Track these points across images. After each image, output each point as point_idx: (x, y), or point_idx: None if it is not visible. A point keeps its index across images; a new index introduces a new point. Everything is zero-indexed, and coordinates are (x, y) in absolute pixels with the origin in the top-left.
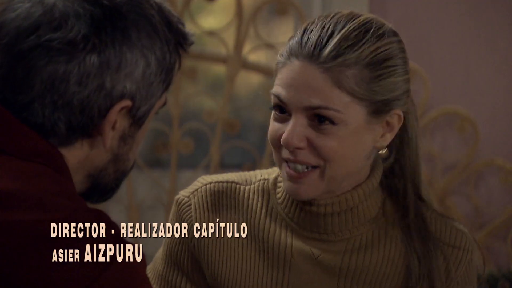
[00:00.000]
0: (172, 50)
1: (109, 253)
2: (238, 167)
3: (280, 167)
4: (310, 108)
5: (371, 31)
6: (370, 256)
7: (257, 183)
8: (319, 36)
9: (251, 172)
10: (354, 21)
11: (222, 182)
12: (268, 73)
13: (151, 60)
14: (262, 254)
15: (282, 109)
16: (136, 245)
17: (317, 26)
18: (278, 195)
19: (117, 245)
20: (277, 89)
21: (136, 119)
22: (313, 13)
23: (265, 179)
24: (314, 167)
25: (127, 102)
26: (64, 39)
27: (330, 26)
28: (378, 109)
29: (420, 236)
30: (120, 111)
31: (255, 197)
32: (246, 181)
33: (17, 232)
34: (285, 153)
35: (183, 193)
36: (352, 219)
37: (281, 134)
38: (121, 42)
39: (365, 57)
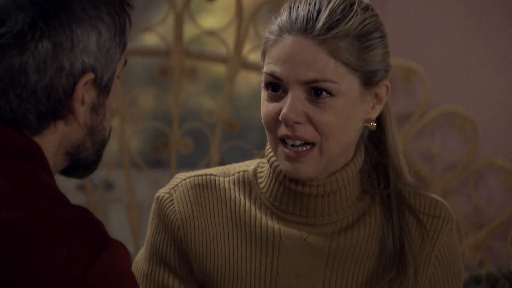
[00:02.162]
0: (119, 11)
1: (93, 250)
2: None
3: (275, 150)
4: (307, 81)
5: (355, 4)
6: (357, 234)
7: (236, 175)
8: (308, 10)
9: (228, 166)
10: None
11: (201, 175)
12: None
13: (102, 28)
14: (249, 240)
15: (275, 87)
16: (121, 242)
17: (303, 3)
18: (262, 185)
19: (101, 241)
20: (270, 67)
21: (102, 88)
22: None
23: (244, 171)
24: (312, 144)
25: (89, 75)
26: (11, 33)
27: (316, 2)
28: (369, 79)
29: (397, 208)
30: (85, 85)
31: (236, 187)
32: (224, 173)
33: (1, 230)
34: (282, 131)
35: (162, 191)
36: (340, 200)
37: (277, 113)
38: (68, 20)
39: (354, 29)
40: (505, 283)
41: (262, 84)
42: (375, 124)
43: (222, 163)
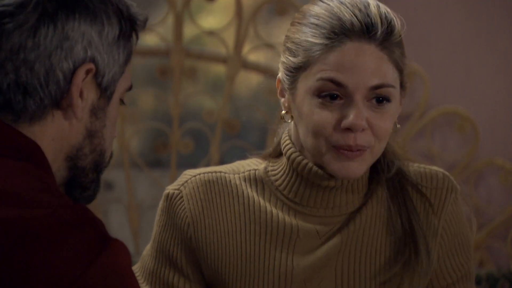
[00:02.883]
0: (126, 18)
1: (94, 250)
2: None
3: (321, 155)
4: (372, 88)
5: (387, 8)
6: (365, 217)
7: (246, 173)
8: (359, 14)
9: (235, 163)
10: (371, 0)
11: (210, 172)
12: (268, 72)
13: (105, 22)
14: (263, 236)
15: (334, 95)
16: (121, 241)
17: (343, 7)
18: (277, 182)
19: (102, 241)
20: (330, 73)
21: (103, 89)
22: None
23: (254, 169)
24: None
25: (90, 65)
26: (14, 3)
27: (358, 5)
28: (404, 82)
29: (400, 189)
30: (86, 78)
31: (247, 184)
32: (233, 170)
33: (0, 229)
34: (342, 140)
35: (171, 187)
36: (353, 190)
37: (337, 120)
38: (73, 4)
39: (399, 31)
40: (505, 283)
41: (312, 91)
42: (398, 126)
43: (222, 163)
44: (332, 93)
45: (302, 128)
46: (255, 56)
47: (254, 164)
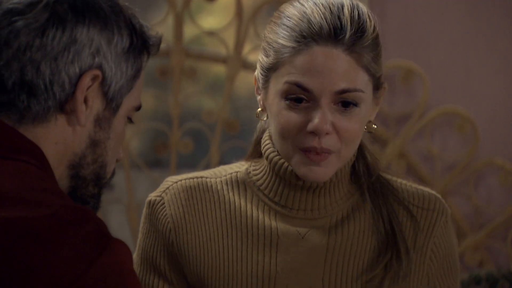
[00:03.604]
0: (138, 35)
1: (95, 249)
2: None
3: (290, 157)
4: (338, 92)
5: (360, 7)
6: (353, 229)
7: (228, 176)
8: (329, 17)
9: (217, 168)
10: (346, 1)
11: (191, 178)
12: None
13: (115, 31)
14: (245, 240)
15: (300, 99)
16: (122, 241)
17: (315, 8)
18: (259, 182)
19: (103, 241)
20: (296, 77)
21: (109, 100)
22: None
23: (236, 172)
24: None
25: (96, 71)
26: (24, 1)
27: (331, 7)
28: (377, 84)
29: (381, 193)
30: (92, 85)
31: (229, 188)
32: (215, 174)
33: (0, 229)
34: (307, 142)
35: (153, 194)
36: (334, 193)
37: (302, 123)
38: (82, 8)
39: (371, 34)
40: (505, 283)
41: (280, 93)
42: (375, 126)
43: (222, 163)
44: (298, 97)
45: (273, 128)
46: (255, 56)
47: (236, 167)
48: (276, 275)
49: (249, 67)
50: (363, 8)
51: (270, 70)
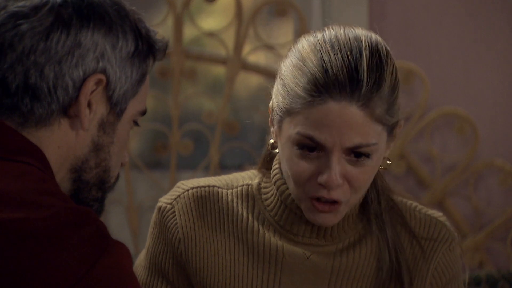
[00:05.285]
0: (144, 40)
1: (96, 251)
2: (238, 168)
3: (300, 200)
4: (351, 148)
5: (384, 53)
6: (359, 254)
7: (239, 188)
8: (346, 67)
9: (230, 176)
10: (365, 45)
11: (204, 186)
12: (268, 74)
13: (120, 36)
14: (251, 256)
15: (312, 148)
16: (123, 243)
17: (333, 53)
18: (267, 202)
19: (104, 243)
20: (308, 130)
21: (113, 105)
22: (313, 14)
23: (248, 184)
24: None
25: (100, 76)
26: (29, 5)
27: (349, 54)
28: (393, 128)
29: (390, 221)
30: (96, 90)
31: (239, 201)
32: (227, 185)
33: (2, 230)
34: (317, 192)
35: (164, 200)
36: (343, 223)
37: (313, 173)
38: (87, 12)
39: (389, 83)
40: (504, 284)
41: (291, 140)
42: (389, 162)
43: (221, 164)
44: (310, 146)
45: (284, 169)
46: (255, 57)
47: (249, 178)
48: None
49: (249, 68)
50: (383, 49)
51: (284, 112)
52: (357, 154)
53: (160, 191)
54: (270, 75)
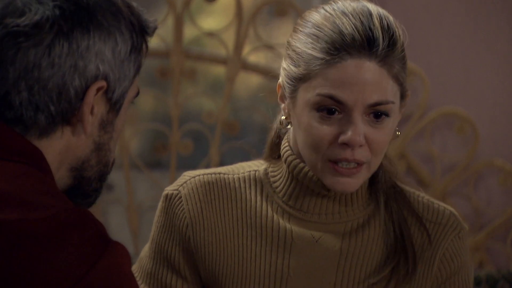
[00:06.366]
0: (138, 32)
1: (95, 252)
2: None
3: (318, 168)
4: (371, 105)
5: (390, 18)
6: (367, 236)
7: (246, 173)
8: (360, 28)
9: (236, 165)
10: (374, 10)
11: (209, 173)
12: (268, 74)
13: (119, 39)
14: (260, 240)
15: (332, 110)
16: (121, 244)
17: (346, 18)
18: (275, 184)
19: (103, 243)
20: (329, 89)
21: (113, 104)
22: None
23: (254, 170)
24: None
25: (102, 83)
26: (30, 23)
27: (361, 17)
28: (404, 92)
29: (395, 200)
30: (97, 94)
31: (246, 185)
32: (233, 171)
33: (2, 230)
34: (339, 154)
35: (170, 188)
36: (352, 201)
37: (334, 136)
38: (87, 22)
39: (400, 45)
40: (504, 284)
41: (310, 104)
42: (399, 133)
43: (221, 164)
44: (330, 108)
45: (301, 138)
46: (255, 57)
47: (255, 165)
48: (288, 277)
49: (249, 68)
50: (390, 16)
51: (299, 80)
52: (376, 114)
53: (160, 191)
54: (270, 75)
